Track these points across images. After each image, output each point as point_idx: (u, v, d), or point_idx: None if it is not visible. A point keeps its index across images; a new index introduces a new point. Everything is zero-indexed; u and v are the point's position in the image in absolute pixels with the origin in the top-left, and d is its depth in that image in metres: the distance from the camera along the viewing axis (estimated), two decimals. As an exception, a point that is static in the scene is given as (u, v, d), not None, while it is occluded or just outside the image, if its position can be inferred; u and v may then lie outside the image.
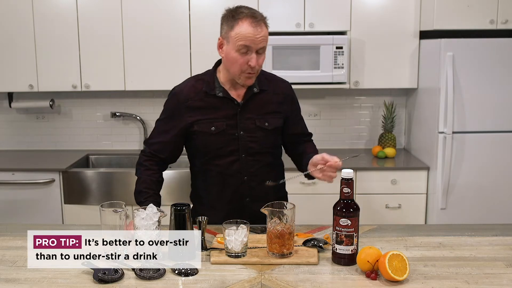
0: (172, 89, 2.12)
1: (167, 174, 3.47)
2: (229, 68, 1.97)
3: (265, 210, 1.73)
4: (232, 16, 1.91)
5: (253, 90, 2.03)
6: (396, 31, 3.58)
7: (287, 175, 2.17)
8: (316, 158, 1.92)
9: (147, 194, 2.04)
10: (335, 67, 3.51)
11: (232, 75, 1.99)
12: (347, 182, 1.67)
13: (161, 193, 3.58)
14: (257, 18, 1.89)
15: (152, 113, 4.03)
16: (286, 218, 1.70)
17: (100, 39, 3.60)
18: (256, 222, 1.99)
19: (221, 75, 2.04)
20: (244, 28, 1.87)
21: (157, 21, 3.58)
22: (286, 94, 2.12)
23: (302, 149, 2.16)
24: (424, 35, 3.57)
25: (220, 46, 1.98)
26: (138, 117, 3.99)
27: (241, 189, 2.07)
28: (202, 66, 3.58)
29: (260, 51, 1.92)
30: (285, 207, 1.74)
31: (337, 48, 3.49)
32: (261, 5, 3.54)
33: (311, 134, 2.26)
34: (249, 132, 2.03)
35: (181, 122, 2.04)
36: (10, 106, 3.95)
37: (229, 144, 2.03)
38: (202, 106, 2.02)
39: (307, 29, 3.56)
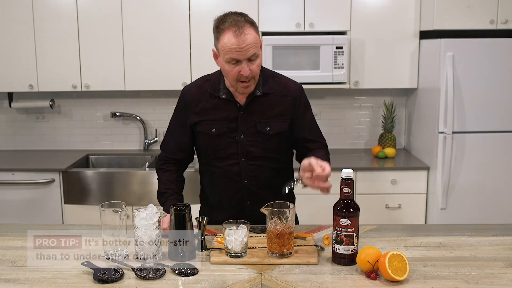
0: (183, 88, 2.11)
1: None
2: (226, 78, 1.96)
3: (265, 210, 1.72)
4: (217, 27, 1.86)
5: (256, 93, 1.98)
6: (396, 31, 3.58)
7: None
8: (304, 163, 1.80)
9: (167, 194, 2.03)
10: (335, 67, 3.51)
11: (230, 85, 1.96)
12: (347, 182, 1.67)
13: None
14: (240, 26, 1.80)
15: (152, 113, 4.03)
16: (286, 218, 1.70)
17: (100, 39, 3.61)
18: (257, 224, 1.99)
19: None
20: (227, 39, 1.81)
21: (157, 21, 3.58)
22: (295, 96, 2.03)
23: (309, 154, 2.00)
24: (424, 35, 3.57)
25: (215, 57, 1.95)
26: (138, 117, 3.99)
27: (241, 193, 2.04)
28: (202, 66, 3.62)
29: (253, 58, 1.85)
30: (285, 207, 1.74)
31: (337, 48, 3.49)
32: (261, 5, 3.54)
33: (321, 142, 2.10)
34: (249, 136, 2.00)
35: (187, 121, 2.04)
36: (10, 106, 3.95)
37: (229, 147, 2.01)
38: (205, 107, 2.01)
39: (307, 29, 3.56)
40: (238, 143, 2.00)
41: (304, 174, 1.79)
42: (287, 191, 1.90)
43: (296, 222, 2.13)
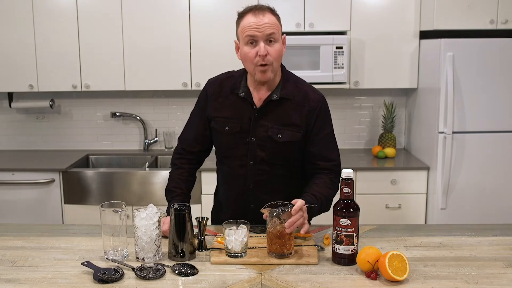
0: (207, 80, 2.09)
1: (167, 174, 3.47)
2: (246, 66, 1.92)
3: (265, 210, 1.72)
4: (238, 16, 1.91)
5: (273, 96, 1.93)
6: (396, 31, 3.58)
7: None
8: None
9: (174, 193, 2.02)
10: (335, 67, 3.51)
11: (250, 73, 1.92)
12: (347, 182, 1.67)
13: (160, 193, 3.60)
14: (258, 8, 1.87)
15: (152, 113, 4.04)
16: (286, 218, 1.70)
17: (100, 39, 3.61)
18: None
19: (249, 75, 1.98)
20: (246, 20, 1.85)
21: (157, 21, 3.58)
22: (312, 108, 1.95)
23: (311, 183, 1.94)
24: (424, 35, 3.57)
25: (236, 49, 1.94)
26: (138, 117, 4.00)
27: (246, 195, 2.02)
28: (202, 66, 3.62)
29: (271, 39, 1.84)
30: (285, 207, 1.73)
31: (337, 48, 3.49)
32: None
33: (332, 161, 1.98)
34: (260, 140, 1.95)
35: (205, 113, 2.03)
36: (10, 106, 3.95)
37: (239, 148, 1.98)
38: (223, 103, 1.99)
39: (307, 29, 3.56)
40: (248, 145, 1.97)
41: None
42: (277, 217, 1.71)
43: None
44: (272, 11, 1.89)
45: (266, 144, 1.95)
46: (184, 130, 2.13)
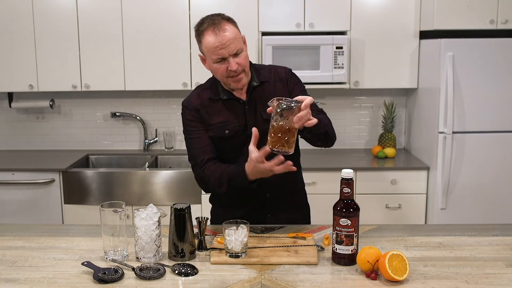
0: (182, 104, 2.11)
1: (167, 174, 3.49)
2: (217, 77, 2.00)
3: (271, 104, 1.66)
4: (197, 31, 1.93)
5: (253, 84, 2.02)
6: (396, 31, 3.58)
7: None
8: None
9: (229, 166, 1.96)
10: (335, 67, 3.51)
11: (223, 84, 2.01)
12: (347, 182, 1.67)
13: (160, 193, 3.61)
14: (216, 23, 1.88)
15: (152, 113, 4.04)
16: (293, 113, 1.63)
17: (100, 39, 3.61)
18: (277, 215, 2.06)
19: None
20: (208, 40, 1.88)
21: (157, 21, 3.58)
22: (285, 78, 2.07)
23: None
24: (424, 35, 3.57)
25: (202, 61, 2.00)
26: (138, 117, 4.00)
27: (260, 185, 1.97)
28: (202, 66, 3.61)
29: (238, 52, 1.89)
30: (291, 103, 1.65)
31: (337, 48, 3.50)
32: (261, 5, 3.54)
33: (321, 110, 2.05)
34: (259, 127, 1.96)
35: (202, 122, 2.03)
36: (10, 106, 3.95)
37: (244, 143, 1.98)
38: (211, 112, 2.03)
39: (307, 29, 3.56)
40: (251, 136, 1.96)
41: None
42: (283, 110, 1.65)
43: (308, 222, 2.20)
44: (228, 20, 1.92)
45: (265, 127, 1.93)
46: (195, 155, 2.03)
